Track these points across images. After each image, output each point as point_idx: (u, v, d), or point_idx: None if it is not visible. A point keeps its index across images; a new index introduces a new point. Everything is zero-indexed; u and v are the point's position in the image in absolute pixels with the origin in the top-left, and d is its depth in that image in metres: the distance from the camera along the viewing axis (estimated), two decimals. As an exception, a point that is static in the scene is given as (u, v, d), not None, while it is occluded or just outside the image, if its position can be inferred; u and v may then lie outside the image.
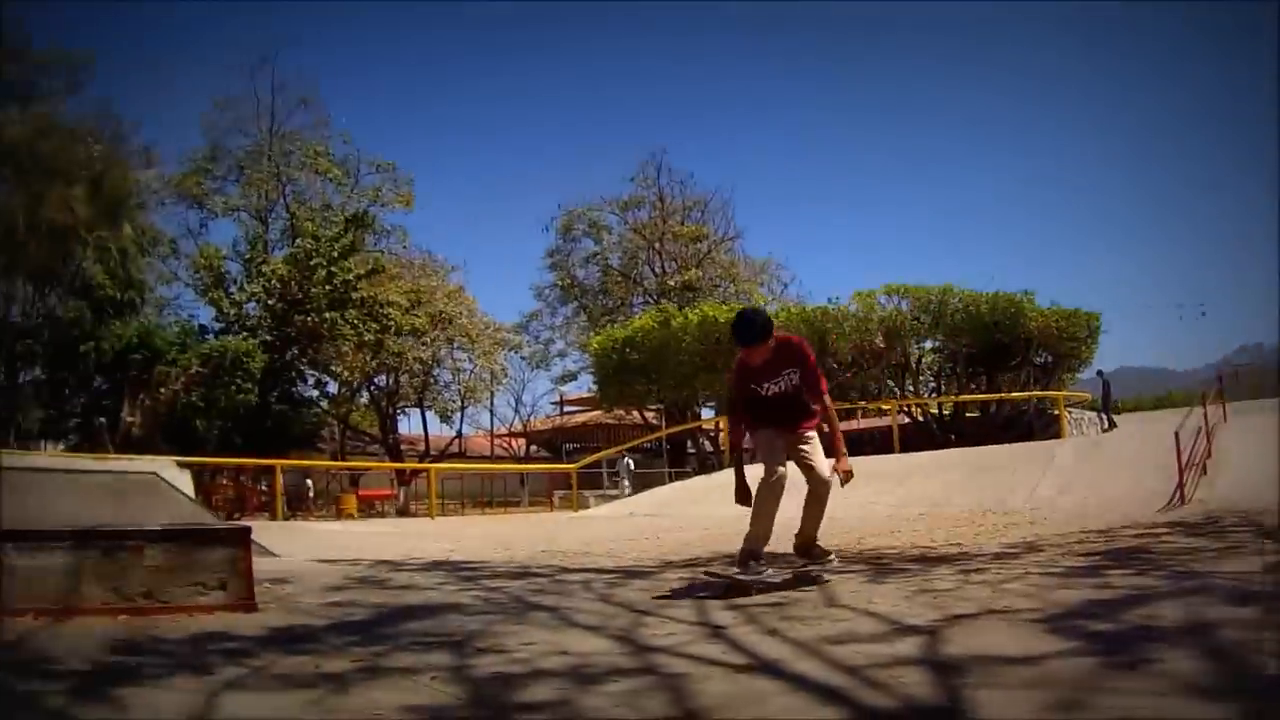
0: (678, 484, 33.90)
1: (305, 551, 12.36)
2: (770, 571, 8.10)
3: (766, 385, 8.60)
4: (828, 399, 8.76)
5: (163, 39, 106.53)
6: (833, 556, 8.68)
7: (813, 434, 8.65)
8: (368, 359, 49.70)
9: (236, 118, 56.88)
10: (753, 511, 8.28)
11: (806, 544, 8.69)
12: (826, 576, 8.21)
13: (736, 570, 8.21)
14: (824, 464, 8.49)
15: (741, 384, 8.79)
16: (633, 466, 44.84)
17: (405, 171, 58.53)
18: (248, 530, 7.29)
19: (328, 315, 45.17)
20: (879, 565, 9.60)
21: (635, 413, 57.23)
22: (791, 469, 8.37)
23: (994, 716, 3.78)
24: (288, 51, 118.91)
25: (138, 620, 6.51)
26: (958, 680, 4.31)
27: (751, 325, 8.56)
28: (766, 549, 8.55)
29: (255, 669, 5.10)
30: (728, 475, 9.11)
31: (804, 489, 8.47)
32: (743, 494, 8.49)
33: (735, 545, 12.32)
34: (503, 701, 4.39)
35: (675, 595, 7.70)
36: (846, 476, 8.36)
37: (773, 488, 8.16)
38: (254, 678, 4.90)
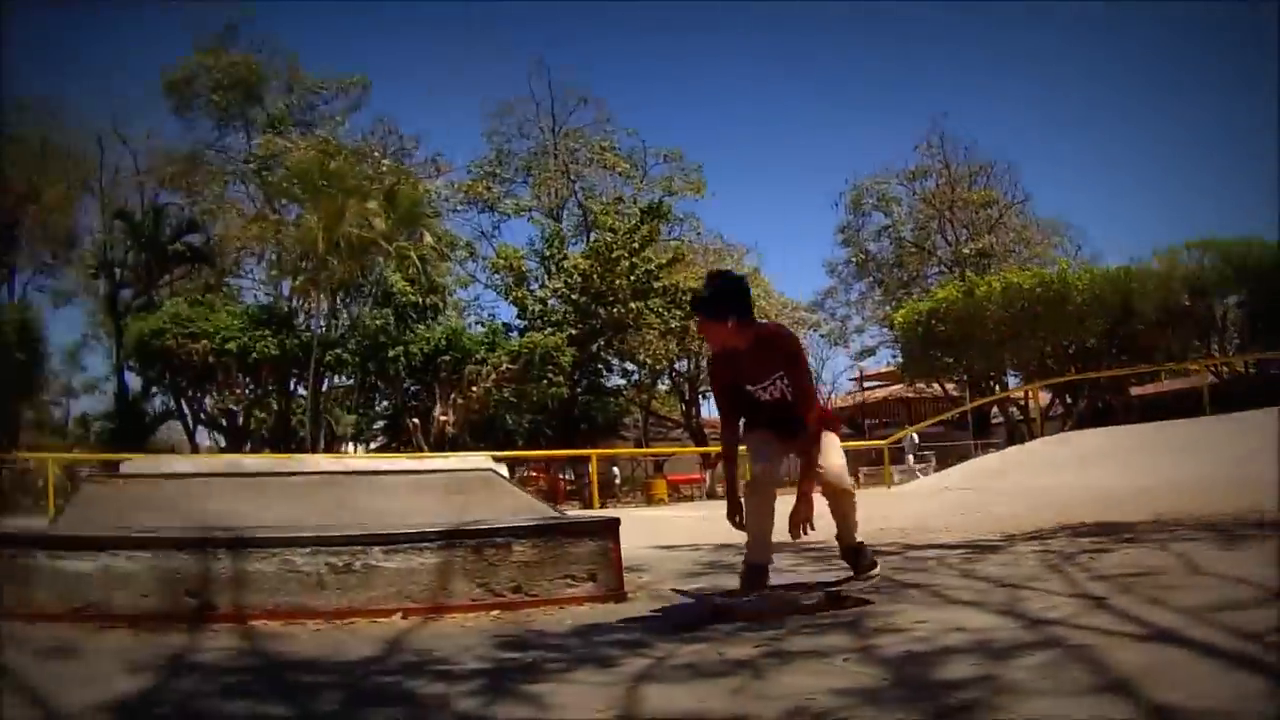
0: (988, 457, 33.20)
1: (638, 538, 12.41)
2: (754, 598, 6.82)
3: (756, 389, 7.21)
4: (815, 415, 7.18)
5: (438, 53, 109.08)
6: (876, 571, 7.25)
7: (827, 436, 7.21)
8: (672, 346, 49.92)
9: (519, 121, 58.50)
10: (746, 519, 7.07)
11: (848, 548, 7.34)
12: (858, 595, 6.95)
13: (738, 590, 7.02)
14: (835, 463, 7.11)
15: (721, 375, 7.54)
16: (917, 440, 44.21)
17: (693, 159, 58.86)
18: (617, 521, 7.39)
19: (633, 305, 45.59)
20: (1221, 531, 9.34)
21: (936, 385, 56.69)
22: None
23: None
24: (560, 53, 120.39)
25: (509, 615, 6.63)
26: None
27: (707, 290, 7.25)
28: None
29: (658, 659, 5.08)
30: (1039, 445, 8.67)
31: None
32: (733, 509, 7.24)
33: (1070, 515, 12.16)
34: (927, 680, 4.33)
35: (1036, 568, 7.61)
36: (798, 526, 6.87)
37: (756, 488, 7.01)
38: (661, 668, 4.88)
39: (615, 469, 46.94)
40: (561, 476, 43.82)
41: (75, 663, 5.50)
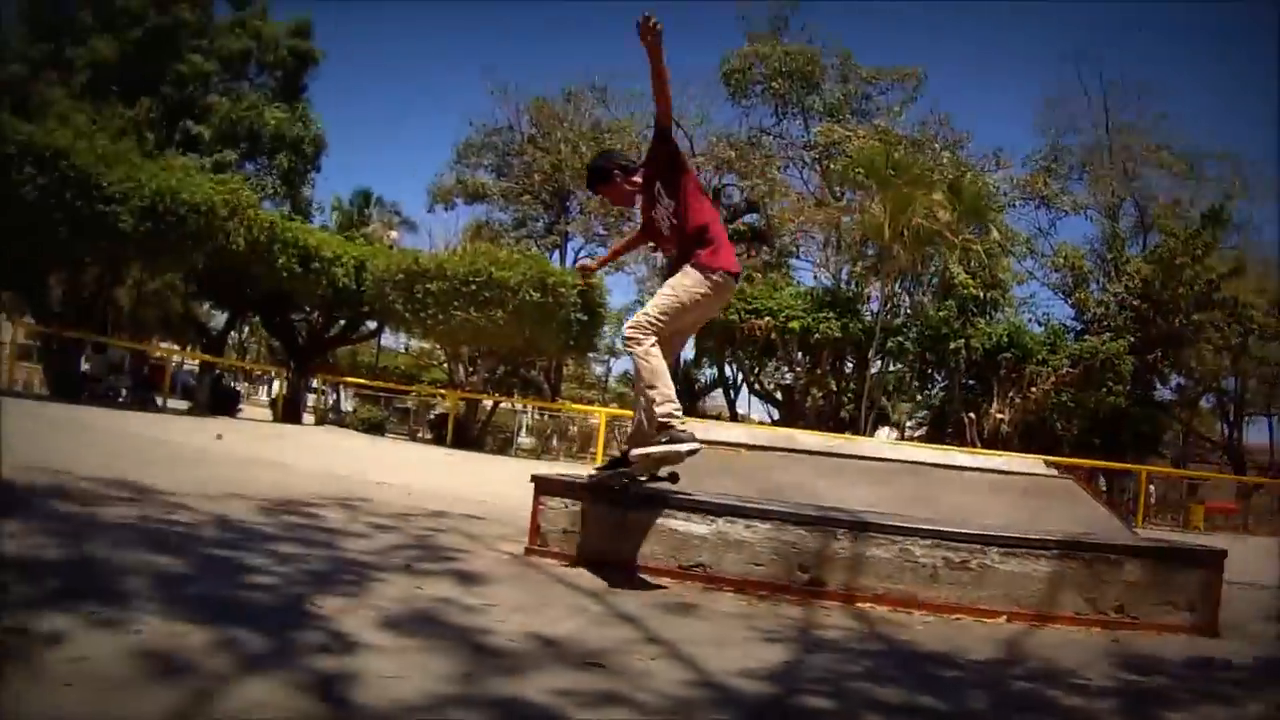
0: None
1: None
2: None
3: (659, 219, 7.38)
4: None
5: (990, 43, 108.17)
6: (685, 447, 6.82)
7: (679, 273, 7.15)
8: (1225, 363, 48.14)
9: (1070, 115, 57.17)
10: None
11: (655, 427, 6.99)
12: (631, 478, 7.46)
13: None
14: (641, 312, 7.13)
15: (642, 217, 7.90)
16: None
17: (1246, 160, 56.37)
18: (1224, 553, 7.27)
19: (1195, 317, 44.12)
20: None
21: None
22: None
23: None
24: (1114, 45, 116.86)
25: (1108, 634, 6.63)
26: None
27: (588, 174, 7.97)
28: None
29: (1273, 704, 5.08)
30: None
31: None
32: (592, 263, 7.54)
33: None
34: None
35: None
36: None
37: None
38: (1280, 718, 4.81)
39: (1152, 487, 45.60)
40: (1099, 489, 42.85)
41: (702, 622, 5.94)
